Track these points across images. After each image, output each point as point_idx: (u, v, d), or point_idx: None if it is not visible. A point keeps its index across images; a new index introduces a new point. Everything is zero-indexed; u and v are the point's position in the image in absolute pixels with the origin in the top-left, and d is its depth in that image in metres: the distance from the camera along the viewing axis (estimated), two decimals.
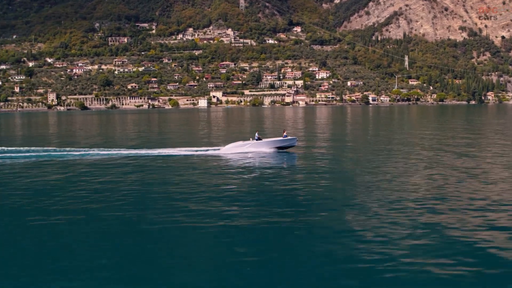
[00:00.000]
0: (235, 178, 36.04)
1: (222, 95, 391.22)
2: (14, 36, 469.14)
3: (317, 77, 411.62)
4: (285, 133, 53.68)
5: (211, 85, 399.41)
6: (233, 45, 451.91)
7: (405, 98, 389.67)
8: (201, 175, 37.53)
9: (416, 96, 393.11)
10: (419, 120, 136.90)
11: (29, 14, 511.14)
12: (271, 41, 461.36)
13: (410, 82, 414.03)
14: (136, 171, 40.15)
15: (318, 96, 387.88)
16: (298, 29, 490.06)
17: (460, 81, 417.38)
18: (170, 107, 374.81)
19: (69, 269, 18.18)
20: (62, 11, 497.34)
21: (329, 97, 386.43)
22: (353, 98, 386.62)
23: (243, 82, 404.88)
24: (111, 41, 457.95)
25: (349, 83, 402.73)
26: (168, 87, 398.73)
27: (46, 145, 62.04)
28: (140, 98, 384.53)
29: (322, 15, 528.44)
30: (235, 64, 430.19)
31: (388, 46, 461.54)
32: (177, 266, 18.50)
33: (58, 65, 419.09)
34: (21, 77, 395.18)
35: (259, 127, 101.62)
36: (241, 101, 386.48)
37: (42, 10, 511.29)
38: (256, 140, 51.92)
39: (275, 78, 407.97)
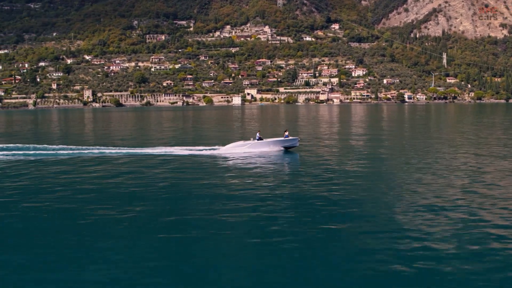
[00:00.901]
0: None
1: (257, 93, 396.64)
2: (54, 34, 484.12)
3: (353, 75, 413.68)
4: (286, 133, 52.94)
5: (246, 83, 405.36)
6: (270, 42, 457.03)
7: (442, 97, 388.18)
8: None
9: (453, 95, 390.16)
10: (458, 118, 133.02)
11: (70, 12, 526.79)
12: (308, 39, 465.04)
13: (448, 80, 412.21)
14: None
15: (353, 94, 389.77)
16: (336, 26, 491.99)
17: (500, 79, 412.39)
18: (204, 104, 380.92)
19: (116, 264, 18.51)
20: (102, 9, 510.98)
21: (364, 95, 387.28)
22: (389, 96, 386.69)
23: (279, 79, 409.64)
24: (149, 39, 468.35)
25: (385, 81, 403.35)
26: (203, 85, 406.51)
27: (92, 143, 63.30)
28: (175, 95, 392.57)
29: (361, 12, 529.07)
30: (271, 61, 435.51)
31: (426, 44, 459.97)
32: (220, 265, 18.56)
33: (95, 62, 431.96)
34: (59, 74, 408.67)
35: (293, 126, 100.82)
36: (275, 99, 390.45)
37: (82, 8, 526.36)
38: (257, 140, 51.41)
39: (310, 75, 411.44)
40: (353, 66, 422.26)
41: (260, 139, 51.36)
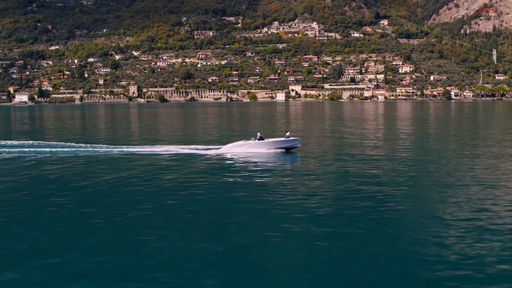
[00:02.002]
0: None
1: (301, 89, 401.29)
2: (104, 30, 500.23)
3: (400, 71, 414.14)
4: (287, 133, 52.47)
5: (291, 79, 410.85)
6: (317, 38, 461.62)
7: (489, 94, 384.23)
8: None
9: (501, 92, 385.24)
10: (510, 117, 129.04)
11: (121, 8, 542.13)
12: (356, 35, 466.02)
13: (497, 77, 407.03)
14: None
15: (398, 90, 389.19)
16: (385, 22, 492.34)
17: None
18: (248, 100, 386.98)
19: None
20: (152, 5, 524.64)
21: (409, 92, 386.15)
22: (434, 93, 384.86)
23: (324, 76, 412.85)
24: (196, 35, 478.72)
25: (432, 78, 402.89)
26: (248, 81, 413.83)
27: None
28: (219, 91, 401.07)
29: (411, 8, 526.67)
30: (318, 57, 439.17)
31: (476, 40, 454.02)
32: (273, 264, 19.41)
33: (143, 58, 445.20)
34: (107, 70, 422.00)
35: (337, 123, 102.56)
36: (319, 95, 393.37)
37: (133, 4, 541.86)
38: (258, 140, 51.36)
39: (357, 72, 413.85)
40: (401, 63, 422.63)
41: (261, 139, 51.46)
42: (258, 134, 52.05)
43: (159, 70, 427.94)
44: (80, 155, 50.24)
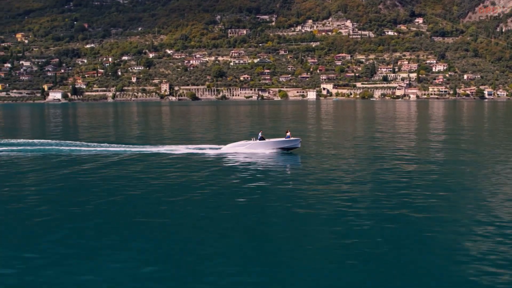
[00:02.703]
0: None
1: (333, 88, 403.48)
2: (140, 28, 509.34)
3: (433, 70, 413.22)
4: (288, 134, 52.03)
5: (323, 77, 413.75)
6: (351, 37, 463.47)
7: None
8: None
9: None
10: None
11: (156, 7, 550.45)
12: (390, 33, 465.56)
13: None
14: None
15: (430, 89, 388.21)
16: (419, 20, 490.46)
17: None
18: (279, 98, 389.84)
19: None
20: (187, 4, 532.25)
21: (441, 91, 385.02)
22: (467, 92, 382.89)
23: (357, 74, 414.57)
24: (230, 33, 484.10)
25: (465, 77, 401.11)
26: (280, 79, 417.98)
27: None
28: (251, 90, 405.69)
29: (447, 6, 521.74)
30: (351, 56, 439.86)
31: None
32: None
33: (176, 57, 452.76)
34: (140, 68, 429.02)
35: (369, 122, 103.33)
36: (350, 94, 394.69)
37: (168, 3, 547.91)
38: (259, 140, 51.49)
39: (390, 70, 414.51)
40: (434, 61, 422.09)
41: (262, 139, 51.52)
42: (259, 134, 52.48)
43: (191, 68, 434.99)
44: (108, 154, 50.86)
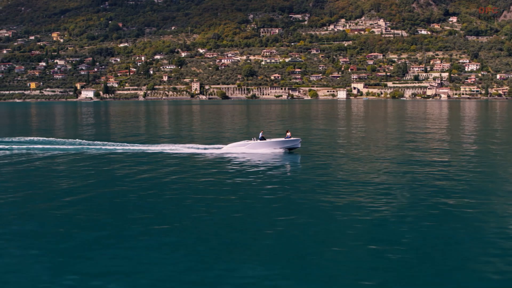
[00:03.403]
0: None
1: (363, 87, 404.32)
2: (173, 28, 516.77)
3: (466, 70, 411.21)
4: (288, 134, 52.43)
5: (354, 77, 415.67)
6: (383, 36, 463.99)
7: None
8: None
9: None
10: None
11: (190, 6, 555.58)
12: (423, 32, 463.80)
13: None
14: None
15: (462, 89, 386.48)
16: (453, 19, 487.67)
17: None
18: (309, 98, 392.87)
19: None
20: (220, 3, 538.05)
21: (473, 91, 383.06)
22: (500, 92, 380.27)
23: (388, 74, 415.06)
24: (262, 32, 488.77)
25: (498, 76, 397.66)
26: (311, 78, 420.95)
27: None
28: (281, 89, 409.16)
29: (482, 5, 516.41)
30: (383, 55, 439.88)
31: None
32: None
33: (208, 56, 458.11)
34: (172, 67, 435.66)
35: (400, 122, 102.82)
36: (381, 93, 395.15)
37: (202, 2, 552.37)
38: (260, 139, 51.90)
39: (421, 70, 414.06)
40: (467, 61, 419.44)
41: (262, 138, 51.90)
42: (261, 134, 52.75)
43: (223, 67, 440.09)
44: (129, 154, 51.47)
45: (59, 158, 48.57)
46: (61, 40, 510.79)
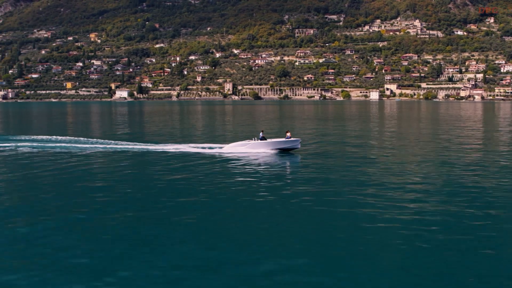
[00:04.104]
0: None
1: (397, 88, 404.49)
2: (208, 28, 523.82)
3: (502, 71, 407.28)
4: (288, 134, 52.57)
5: (388, 77, 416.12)
6: (418, 36, 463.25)
7: None
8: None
9: None
10: None
11: (226, 7, 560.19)
12: (459, 33, 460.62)
13: None
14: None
15: (496, 90, 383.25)
16: (491, 20, 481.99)
17: None
18: (341, 98, 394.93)
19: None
20: (256, 3, 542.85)
21: (508, 92, 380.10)
22: None
23: (422, 74, 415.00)
24: (297, 33, 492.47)
25: None
26: (344, 79, 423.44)
27: None
28: (313, 89, 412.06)
29: None
30: (418, 56, 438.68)
31: None
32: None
33: (242, 56, 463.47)
34: (206, 67, 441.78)
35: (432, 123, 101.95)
36: (414, 94, 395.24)
37: (238, 3, 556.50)
38: (260, 139, 52.07)
39: (456, 71, 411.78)
40: (504, 62, 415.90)
41: (263, 138, 52.08)
42: (261, 134, 52.90)
43: (256, 68, 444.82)
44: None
45: (100, 157, 49.39)
46: (99, 41, 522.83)
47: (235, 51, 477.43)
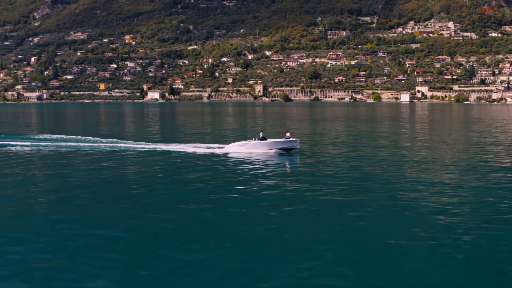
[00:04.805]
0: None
1: (428, 90, 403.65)
2: (242, 30, 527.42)
3: None
4: (288, 134, 53.80)
5: (419, 80, 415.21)
6: (452, 38, 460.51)
7: None
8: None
9: None
10: None
11: (260, 9, 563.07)
12: (494, 34, 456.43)
13: None
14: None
15: None
16: None
17: None
18: (372, 101, 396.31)
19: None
20: (289, 5, 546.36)
21: None
22: None
23: (455, 77, 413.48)
24: (330, 35, 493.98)
25: None
26: (376, 81, 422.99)
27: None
28: (344, 91, 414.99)
29: None
30: (451, 58, 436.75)
31: None
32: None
33: (274, 58, 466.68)
34: (237, 69, 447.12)
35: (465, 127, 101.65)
36: (445, 97, 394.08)
37: (272, 5, 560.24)
38: (260, 139, 53.15)
39: (489, 73, 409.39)
40: None
41: (263, 138, 53.20)
42: (261, 134, 54.07)
43: (287, 69, 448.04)
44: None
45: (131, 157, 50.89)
46: (133, 43, 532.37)
47: (267, 53, 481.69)
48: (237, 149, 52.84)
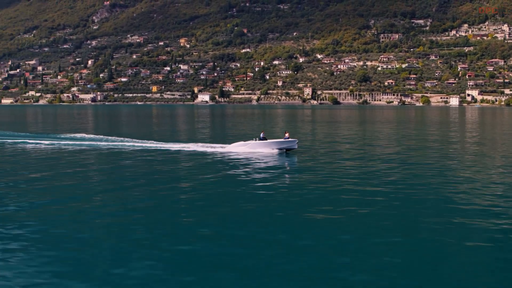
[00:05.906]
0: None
1: (478, 94, 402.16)
2: (295, 33, 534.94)
3: None
4: (287, 135, 55.73)
5: (470, 83, 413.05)
6: (506, 41, 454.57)
7: None
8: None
9: None
10: None
11: (314, 12, 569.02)
12: None
13: None
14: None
15: None
16: None
17: None
18: (421, 104, 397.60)
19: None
20: (343, 9, 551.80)
21: None
22: None
23: (507, 80, 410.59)
24: (382, 38, 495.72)
25: None
26: (426, 85, 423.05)
27: None
28: (393, 95, 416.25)
29: None
30: (505, 61, 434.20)
31: None
32: None
33: (325, 61, 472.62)
34: (288, 72, 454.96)
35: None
36: (495, 101, 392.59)
37: (326, 8, 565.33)
38: (261, 139, 55.02)
39: None
40: None
41: (264, 139, 55.22)
42: (262, 134, 56.20)
43: (338, 73, 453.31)
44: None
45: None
46: (188, 46, 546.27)
47: (319, 56, 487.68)
48: (238, 149, 55.20)
